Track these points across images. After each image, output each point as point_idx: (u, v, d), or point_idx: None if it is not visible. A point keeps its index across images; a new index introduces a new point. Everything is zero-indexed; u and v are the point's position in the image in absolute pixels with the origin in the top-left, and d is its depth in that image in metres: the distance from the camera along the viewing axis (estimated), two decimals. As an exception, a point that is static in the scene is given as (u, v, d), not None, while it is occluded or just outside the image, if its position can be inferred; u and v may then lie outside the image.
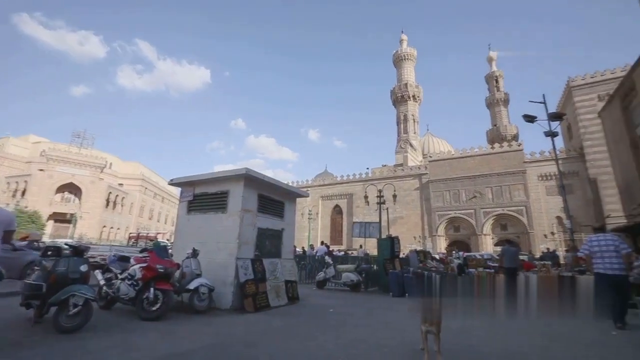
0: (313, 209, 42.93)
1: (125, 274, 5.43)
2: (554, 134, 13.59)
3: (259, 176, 7.24)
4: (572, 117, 34.73)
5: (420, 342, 3.60)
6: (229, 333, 4.62)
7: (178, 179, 7.95)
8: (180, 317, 5.33)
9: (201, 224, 7.20)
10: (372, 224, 15.34)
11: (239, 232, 6.63)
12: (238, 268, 6.36)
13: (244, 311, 6.05)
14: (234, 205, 6.89)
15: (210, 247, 6.72)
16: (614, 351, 4.22)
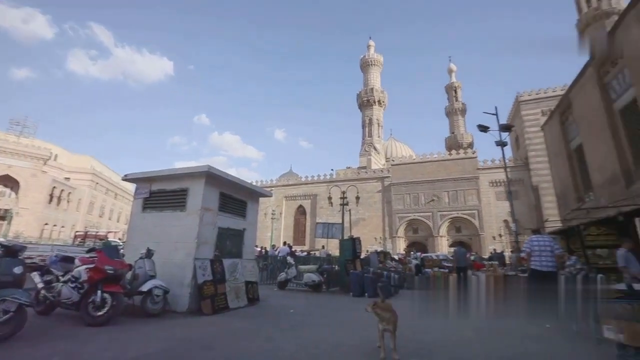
0: (277, 209, 42.54)
1: (69, 276, 4.98)
2: (504, 144, 14.70)
3: (221, 174, 7.03)
4: (519, 129, 37.79)
5: (378, 340, 3.71)
6: (184, 336, 4.43)
7: (133, 175, 7.48)
8: (131, 321, 5.00)
9: (157, 223, 6.83)
10: (335, 224, 15.53)
11: (198, 231, 6.38)
12: (196, 269, 6.11)
13: (202, 313, 5.83)
14: (193, 204, 6.62)
15: (167, 246, 6.40)
16: (546, 342, 4.63)
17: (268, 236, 38.19)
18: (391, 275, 10.44)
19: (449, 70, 70.73)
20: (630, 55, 10.43)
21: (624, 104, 11.40)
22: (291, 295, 9.31)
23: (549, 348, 4.33)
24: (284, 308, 7.01)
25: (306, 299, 8.59)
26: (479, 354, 3.99)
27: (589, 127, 13.81)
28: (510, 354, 4.01)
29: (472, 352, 4.04)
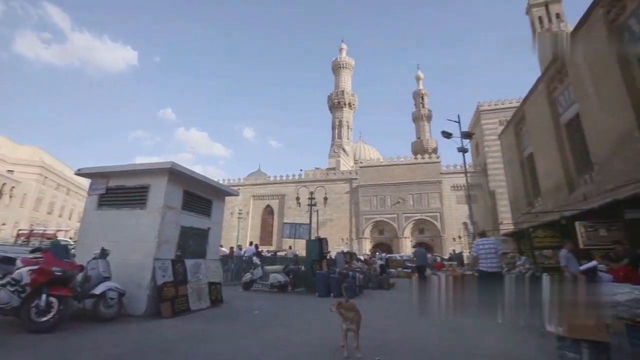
0: (244, 208, 41.72)
1: (7, 278, 4.53)
2: (465, 150, 15.52)
3: (186, 171, 6.77)
4: (479, 137, 40.13)
5: (341, 339, 3.76)
6: (140, 341, 4.20)
7: (88, 169, 6.99)
8: (81, 327, 4.66)
9: (114, 221, 6.43)
10: (303, 225, 15.56)
11: (159, 230, 6.10)
12: (156, 269, 5.83)
13: (161, 316, 5.57)
14: (155, 201, 6.32)
15: (124, 246, 6.05)
16: (497, 337, 4.96)
17: (234, 236, 37.32)
18: (356, 276, 10.62)
19: (417, 78, 73.45)
20: (574, 74, 11.46)
21: (569, 118, 12.51)
22: (256, 296, 9.17)
23: (500, 342, 4.64)
24: (248, 309, 6.89)
25: (271, 299, 8.51)
26: (438, 349, 4.17)
27: (539, 138, 14.98)
28: (466, 349, 4.25)
29: (431, 349, 4.22)
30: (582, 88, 11.05)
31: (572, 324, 3.61)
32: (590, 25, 10.33)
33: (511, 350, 4.24)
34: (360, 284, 10.74)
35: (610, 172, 9.61)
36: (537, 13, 42.18)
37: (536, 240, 10.54)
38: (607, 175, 9.78)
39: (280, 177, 46.22)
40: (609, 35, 9.41)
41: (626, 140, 8.86)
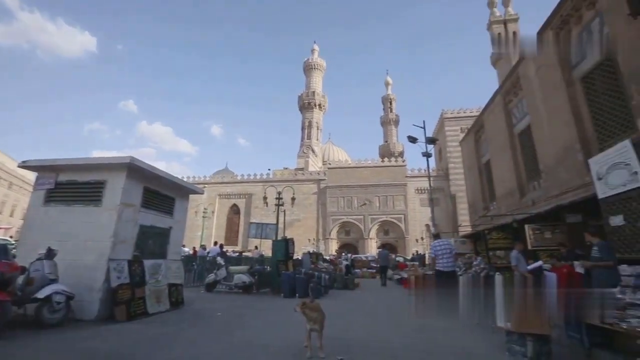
0: (209, 207, 40.39)
1: None
2: (429, 155, 16.19)
3: (147, 167, 6.44)
4: (443, 143, 42.07)
5: (305, 340, 3.77)
6: (88, 348, 3.92)
7: (35, 162, 6.41)
8: (21, 334, 4.26)
9: (63, 219, 5.95)
10: (269, 225, 15.39)
11: (115, 229, 5.74)
12: (110, 271, 5.48)
13: (115, 321, 5.24)
14: (111, 198, 5.94)
15: (75, 246, 5.62)
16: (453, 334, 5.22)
17: (198, 235, 35.99)
18: (322, 276, 10.69)
19: (386, 83, 75.49)
20: (527, 89, 12.40)
21: (521, 129, 13.49)
22: (219, 297, 8.93)
23: (455, 339, 4.88)
24: (211, 311, 6.69)
25: (235, 300, 8.32)
26: (398, 348, 4.31)
27: (495, 146, 16.00)
28: (425, 346, 4.43)
29: (393, 347, 4.35)
30: (533, 102, 11.97)
31: (519, 320, 3.90)
32: (541, 45, 11.22)
33: (466, 346, 4.48)
34: (326, 284, 10.82)
35: (555, 180, 10.50)
36: (497, 30, 45.17)
37: (490, 242, 11.25)
38: (552, 183, 10.67)
39: (247, 176, 45.37)
40: (557, 54, 10.29)
41: (569, 152, 9.73)
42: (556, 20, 10.27)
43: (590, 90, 9.29)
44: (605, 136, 8.70)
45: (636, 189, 4.87)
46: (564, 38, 10.17)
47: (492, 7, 47.11)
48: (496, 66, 44.55)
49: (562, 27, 10.14)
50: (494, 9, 46.84)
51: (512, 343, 3.94)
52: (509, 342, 3.99)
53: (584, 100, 9.47)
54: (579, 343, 4.11)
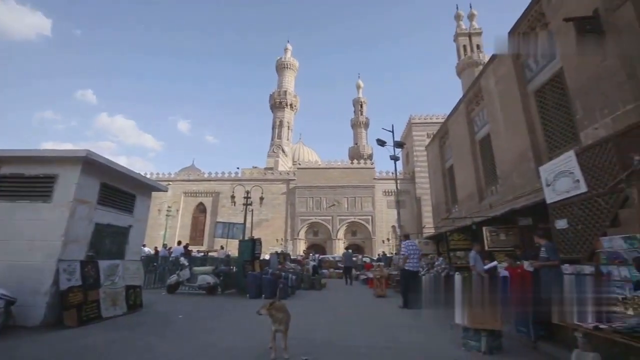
0: (173, 205, 38.75)
1: None
2: (396, 159, 16.70)
3: (105, 162, 6.06)
4: (410, 147, 43.55)
5: (270, 341, 3.73)
6: (29, 357, 3.61)
7: (-28, 152, 5.80)
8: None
9: (4, 216, 5.44)
10: (236, 225, 15.09)
11: (66, 227, 5.34)
12: (60, 272, 5.09)
13: (63, 326, 4.87)
14: (63, 194, 5.52)
15: (17, 246, 5.17)
16: (415, 330, 5.41)
17: (161, 235, 34.44)
18: (289, 276, 10.64)
19: (357, 86, 76.79)
20: (488, 99, 13.17)
21: (482, 136, 14.30)
22: (182, 299, 8.59)
23: (416, 336, 5.07)
24: (172, 314, 6.42)
25: (199, 302, 8.06)
26: (362, 346, 4.40)
27: (458, 152, 16.82)
28: (388, 344, 4.55)
29: (357, 346, 4.43)
30: (493, 111, 12.74)
31: (474, 317, 4.13)
32: (500, 59, 11.98)
33: (426, 342, 4.67)
34: (293, 285, 10.78)
35: (510, 185, 11.24)
36: (462, 41, 47.66)
37: (452, 243, 11.81)
38: (507, 188, 11.41)
39: (215, 174, 44.08)
40: (515, 69, 11.04)
41: (523, 159, 10.46)
42: (514, 37, 11.01)
43: (542, 104, 10.05)
44: (554, 146, 9.46)
45: (578, 196, 5.34)
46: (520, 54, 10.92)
47: (458, 20, 49.63)
48: (461, 76, 46.94)
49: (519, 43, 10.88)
50: (460, 22, 49.38)
51: (468, 339, 4.17)
52: (465, 337, 4.21)
53: (536, 112, 10.23)
54: (526, 336, 4.43)
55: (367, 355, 4.01)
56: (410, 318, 6.46)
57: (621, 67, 6.56)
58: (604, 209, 4.83)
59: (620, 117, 6.41)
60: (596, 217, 4.96)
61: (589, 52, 7.41)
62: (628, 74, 6.42)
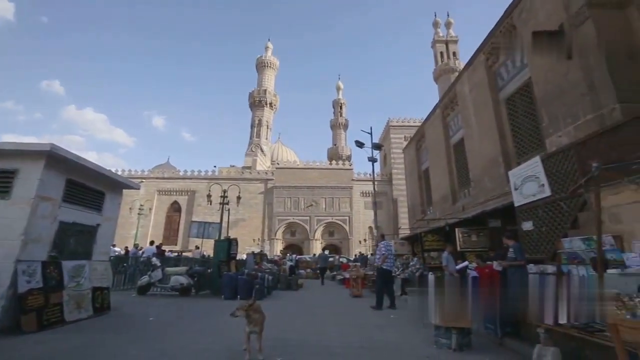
0: (146, 203, 37.35)
1: None
2: (374, 160, 16.95)
3: (72, 157, 5.75)
4: (388, 149, 44.35)
5: (244, 342, 3.68)
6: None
7: None
8: None
9: (-42, 212, 5.05)
10: (212, 224, 14.78)
11: (26, 225, 5.02)
12: (18, 274, 4.78)
13: (21, 332, 4.57)
14: (24, 190, 5.19)
15: (-29, 245, 4.80)
16: (388, 329, 5.52)
17: (133, 234, 33.09)
18: (265, 277, 10.54)
19: (337, 87, 77.28)
20: (462, 104, 13.65)
21: (456, 141, 14.80)
22: (153, 301, 8.31)
23: (390, 334, 5.17)
24: (142, 316, 6.19)
25: (171, 304, 7.82)
26: (337, 346, 4.43)
27: (434, 155, 17.31)
28: (363, 343, 4.61)
29: (330, 345, 4.45)
30: (467, 117, 13.22)
31: (446, 315, 4.26)
32: (474, 66, 12.47)
33: (399, 341, 4.77)
34: (269, 285, 10.70)
35: (481, 188, 11.70)
36: (439, 48, 49.14)
37: (426, 244, 12.12)
38: (479, 191, 11.87)
39: (191, 172, 42.94)
40: (488, 77, 11.51)
41: (494, 164, 10.92)
42: (487, 46, 11.48)
43: (512, 111, 10.55)
44: (522, 152, 9.94)
45: (542, 199, 5.64)
46: (493, 62, 11.41)
47: (436, 28, 51.15)
48: (437, 81, 48.37)
49: (492, 53, 11.37)
50: (438, 29, 50.92)
51: (440, 337, 4.30)
52: (437, 335, 4.34)
53: (507, 119, 10.72)
54: (494, 333, 4.63)
55: (342, 355, 4.04)
56: (385, 317, 6.57)
57: (583, 80, 6.99)
58: (565, 212, 5.13)
59: (581, 127, 6.84)
60: (558, 219, 5.26)
61: (554, 65, 7.86)
62: (588, 86, 6.85)
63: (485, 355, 3.99)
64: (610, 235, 4.04)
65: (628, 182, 4.00)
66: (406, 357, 4.02)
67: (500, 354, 4.14)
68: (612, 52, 6.62)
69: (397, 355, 4.05)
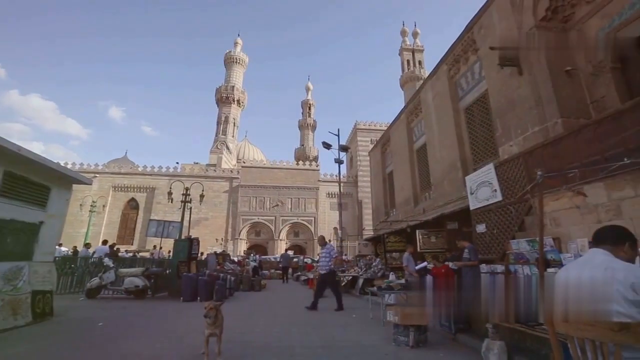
0: (99, 200, 34.78)
1: None
2: (341, 162, 17.18)
3: (10, 146, 5.20)
4: (354, 151, 45.17)
5: (203, 346, 3.56)
6: None
7: None
8: None
9: None
10: (173, 223, 14.16)
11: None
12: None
13: (-57, 341, 4.07)
14: (-49, 183, 4.63)
15: None
16: (350, 328, 5.61)
17: (83, 233, 30.66)
18: (227, 277, 10.28)
19: (307, 88, 77.35)
20: (425, 111, 14.28)
21: (419, 146, 15.43)
22: (104, 304, 7.77)
23: (351, 333, 5.26)
24: (90, 321, 5.77)
25: (125, 307, 7.36)
26: (298, 346, 4.42)
27: (398, 159, 17.92)
28: (324, 342, 4.64)
29: (292, 346, 4.43)
30: (429, 123, 13.85)
31: (405, 313, 4.42)
32: (437, 76, 13.10)
33: (360, 339, 4.87)
34: (231, 286, 10.45)
35: (441, 192, 12.31)
36: (406, 56, 50.99)
37: (388, 245, 12.49)
38: (439, 194, 12.48)
39: (151, 167, 40.73)
40: (449, 86, 12.15)
41: (452, 169, 11.54)
42: (449, 58, 12.12)
43: (470, 120, 11.21)
44: (478, 158, 10.60)
45: (495, 203, 6.05)
46: (455, 73, 12.07)
47: (404, 36, 53.01)
48: (404, 88, 50.12)
49: (454, 64, 12.02)
50: (406, 38, 52.80)
51: (398, 334, 4.45)
52: (396, 333, 4.49)
53: (465, 127, 11.38)
54: (448, 330, 4.88)
55: (304, 355, 4.04)
56: (347, 317, 6.68)
57: (531, 95, 7.61)
58: (513, 215, 5.55)
59: (529, 137, 7.43)
60: (508, 222, 5.67)
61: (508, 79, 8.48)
62: (536, 101, 7.47)
63: (439, 351, 4.20)
64: (550, 238, 4.43)
65: (566, 189, 4.41)
66: (366, 355, 4.11)
67: (453, 348, 4.37)
68: (556, 70, 7.26)
69: (357, 354, 4.13)
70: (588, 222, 4.21)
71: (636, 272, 1.49)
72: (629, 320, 1.40)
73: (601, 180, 4.02)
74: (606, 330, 1.38)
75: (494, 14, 9.30)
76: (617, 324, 1.38)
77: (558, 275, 1.81)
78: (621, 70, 6.80)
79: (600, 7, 7.01)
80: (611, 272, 1.51)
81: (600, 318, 1.47)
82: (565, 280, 1.72)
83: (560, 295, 1.71)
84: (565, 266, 2.12)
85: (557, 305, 1.71)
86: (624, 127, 3.98)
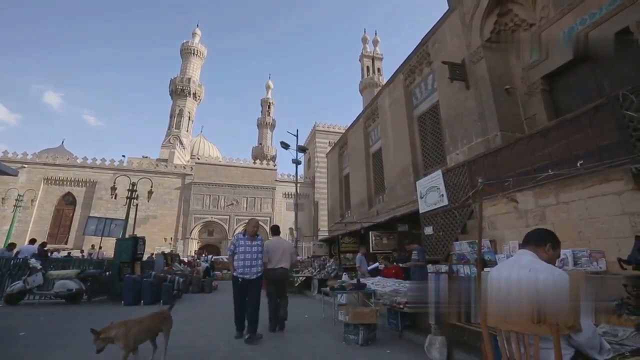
0: (28, 193, 30.96)
1: None
2: (299, 163, 17.21)
3: None
4: (312, 152, 45.47)
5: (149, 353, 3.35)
6: None
7: None
8: None
9: None
10: (116, 221, 13.15)
11: None
12: None
13: None
14: None
15: None
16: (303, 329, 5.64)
17: (6, 230, 27.04)
18: (175, 279, 9.77)
19: (267, 86, 76.22)
20: (382, 117, 14.84)
21: (375, 150, 15.99)
22: (29, 311, 6.95)
23: (303, 334, 5.29)
24: (10, 330, 5.12)
25: (54, 314, 6.64)
26: (247, 349, 4.34)
27: (354, 162, 18.39)
28: (275, 343, 4.60)
29: (243, 349, 4.34)
30: (385, 129, 14.42)
31: (355, 313, 4.56)
32: (394, 84, 13.71)
33: (311, 339, 4.91)
34: (180, 288, 9.94)
35: (394, 195, 12.87)
36: (366, 62, 52.61)
37: (343, 246, 12.75)
38: (392, 198, 13.03)
39: (93, 160, 37.24)
40: (405, 95, 12.77)
41: (405, 173, 12.13)
42: (406, 68, 12.74)
43: (422, 128, 11.88)
44: (429, 164, 11.26)
45: (441, 207, 6.48)
46: (410, 82, 12.71)
47: (365, 43, 54.62)
48: (362, 93, 51.62)
49: (409, 74, 12.65)
50: (366, 44, 54.44)
51: (348, 333, 4.57)
52: (346, 332, 4.60)
53: (418, 134, 12.03)
54: (396, 327, 5.11)
55: (253, 357, 3.98)
56: (299, 317, 6.69)
57: (476, 108, 8.27)
58: (457, 219, 5.99)
59: (473, 147, 8.07)
60: (452, 225, 6.11)
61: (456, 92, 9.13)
62: (479, 114, 8.14)
63: (387, 347, 4.38)
64: (488, 240, 4.85)
65: (502, 196, 4.87)
66: (317, 354, 4.15)
67: (400, 345, 4.59)
68: (498, 88, 7.99)
69: (308, 354, 4.17)
70: (519, 226, 4.68)
71: (554, 273, 1.69)
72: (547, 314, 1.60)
73: (530, 188, 4.51)
74: (528, 323, 1.58)
75: (446, 31, 9.97)
76: (537, 317, 1.57)
77: (490, 274, 1.99)
78: (549, 92, 7.68)
79: (536, 35, 7.86)
80: (534, 274, 1.70)
81: (525, 313, 1.66)
82: (497, 279, 1.90)
83: (493, 292, 1.89)
84: (497, 266, 2.35)
85: (490, 301, 1.88)
86: (550, 142, 4.51)
